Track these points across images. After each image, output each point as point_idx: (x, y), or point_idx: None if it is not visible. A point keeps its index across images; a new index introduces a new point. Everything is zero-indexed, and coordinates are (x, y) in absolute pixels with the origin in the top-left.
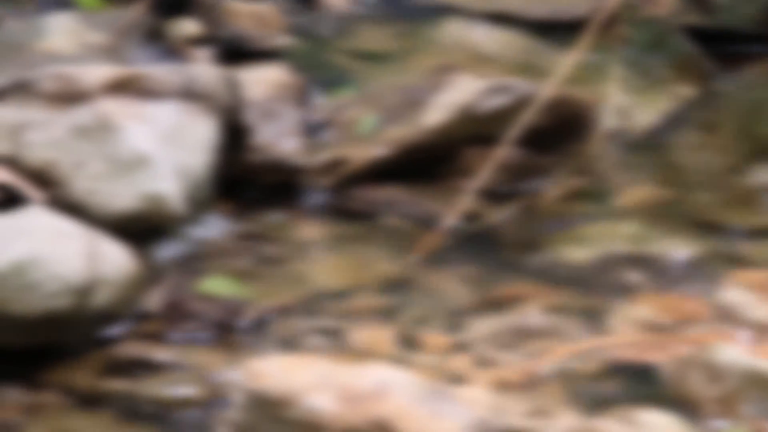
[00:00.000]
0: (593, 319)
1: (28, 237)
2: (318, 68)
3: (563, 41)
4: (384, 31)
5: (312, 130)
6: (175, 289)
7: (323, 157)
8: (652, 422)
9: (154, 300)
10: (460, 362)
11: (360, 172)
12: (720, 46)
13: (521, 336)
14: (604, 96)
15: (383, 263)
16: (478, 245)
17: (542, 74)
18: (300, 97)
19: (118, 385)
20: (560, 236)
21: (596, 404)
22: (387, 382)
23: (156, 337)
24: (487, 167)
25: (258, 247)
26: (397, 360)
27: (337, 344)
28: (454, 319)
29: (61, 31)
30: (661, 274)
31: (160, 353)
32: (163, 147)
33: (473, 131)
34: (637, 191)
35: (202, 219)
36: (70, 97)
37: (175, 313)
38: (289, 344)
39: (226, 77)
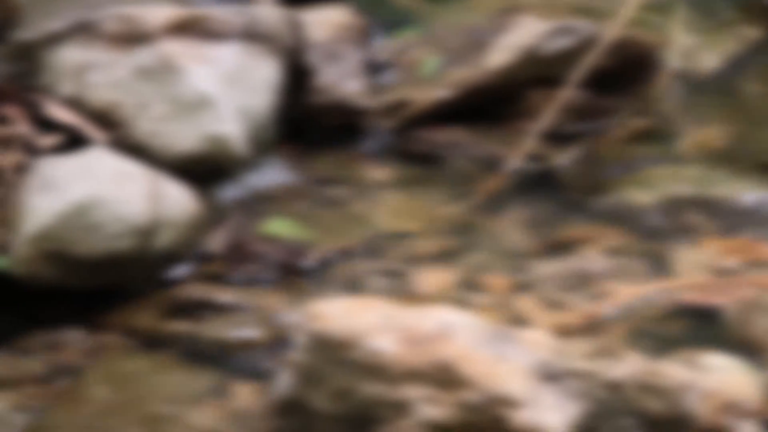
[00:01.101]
0: (657, 262)
1: (91, 178)
2: (381, 9)
3: None
4: None
5: (375, 72)
6: (238, 231)
7: (386, 98)
8: (716, 365)
9: (216, 242)
10: (523, 304)
11: (423, 114)
12: None
13: (584, 279)
14: (669, 37)
15: (446, 205)
16: (541, 188)
17: (607, 16)
18: (363, 38)
19: (180, 326)
20: (624, 179)
21: (660, 347)
22: (450, 325)
23: (218, 279)
24: (551, 109)
25: (320, 189)
26: (459, 302)
27: (399, 286)
28: (517, 261)
29: None
30: (726, 217)
31: (222, 295)
32: (225, 88)
33: (537, 73)
34: (701, 133)
35: (265, 161)
36: (132, 38)
37: (238, 255)
38: (352, 286)
39: (288, 18)
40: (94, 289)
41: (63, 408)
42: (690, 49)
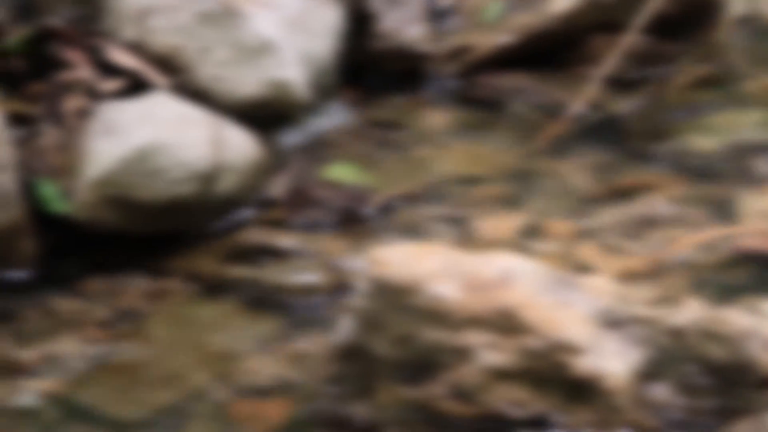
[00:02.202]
0: (720, 208)
1: (153, 123)
2: None
3: None
4: None
5: (437, 17)
6: (300, 176)
7: (448, 44)
8: None
9: (278, 187)
10: (585, 251)
11: (485, 60)
12: None
13: (647, 225)
14: None
15: (508, 151)
16: (603, 133)
17: None
18: None
19: (241, 272)
20: (687, 125)
21: (722, 294)
22: (512, 271)
23: (280, 224)
24: (613, 55)
25: (382, 134)
26: (521, 248)
27: (461, 232)
28: (579, 207)
29: None
30: None
31: (283, 240)
32: (288, 33)
33: (600, 18)
34: (765, 79)
35: (327, 106)
36: None
37: (300, 200)
38: (414, 232)
39: None
40: (156, 235)
41: (127, 350)
42: None
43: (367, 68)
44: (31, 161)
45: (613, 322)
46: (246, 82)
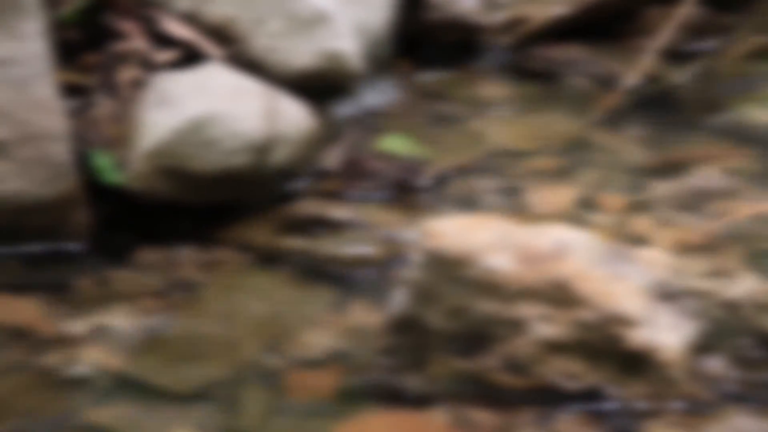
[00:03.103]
0: None
1: (207, 94)
2: None
3: None
4: None
5: None
6: (354, 148)
7: (503, 15)
8: None
9: (332, 158)
10: (639, 223)
11: (540, 31)
12: None
13: (701, 197)
14: None
15: (562, 123)
16: (658, 105)
17: None
18: None
19: (295, 243)
20: (742, 97)
21: None
22: (565, 243)
23: (333, 196)
24: (669, 26)
25: (436, 106)
26: (575, 220)
27: (515, 204)
28: (634, 179)
29: None
30: None
31: (338, 211)
32: (342, 4)
33: None
34: None
35: (381, 78)
36: None
37: (353, 172)
38: (467, 204)
39: None
40: (210, 205)
41: (180, 321)
42: None
43: (421, 40)
44: (86, 132)
45: (667, 295)
46: (300, 53)
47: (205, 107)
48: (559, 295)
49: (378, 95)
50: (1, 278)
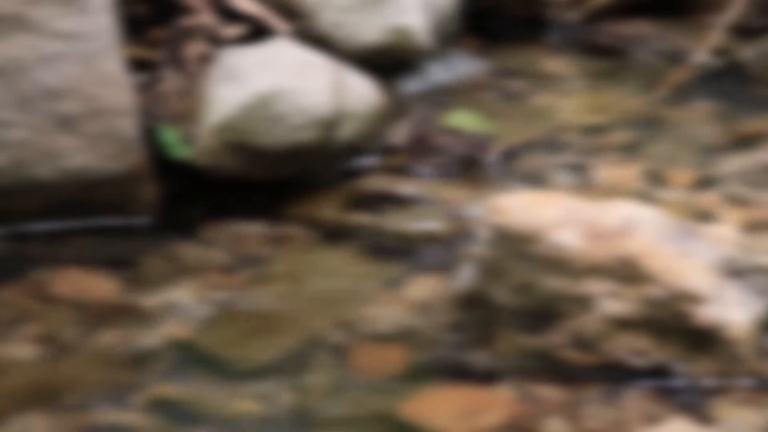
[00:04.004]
0: None
1: (274, 69)
2: None
3: None
4: None
5: None
6: (421, 124)
7: None
8: None
9: (399, 134)
10: (707, 199)
11: (608, 7)
12: None
13: None
14: None
15: (630, 99)
16: (727, 81)
17: None
18: None
19: (362, 218)
20: None
21: None
22: (633, 219)
23: (401, 171)
24: (738, 2)
25: (503, 81)
26: (643, 196)
27: (582, 180)
28: (702, 155)
29: None
30: None
31: (404, 187)
32: None
33: None
34: None
35: (448, 53)
36: None
37: (420, 148)
38: (535, 180)
39: None
40: (277, 181)
41: (247, 296)
42: None
43: (488, 15)
44: (153, 107)
45: (735, 272)
46: (367, 29)
47: (272, 83)
48: (627, 272)
49: (445, 71)
50: (70, 253)
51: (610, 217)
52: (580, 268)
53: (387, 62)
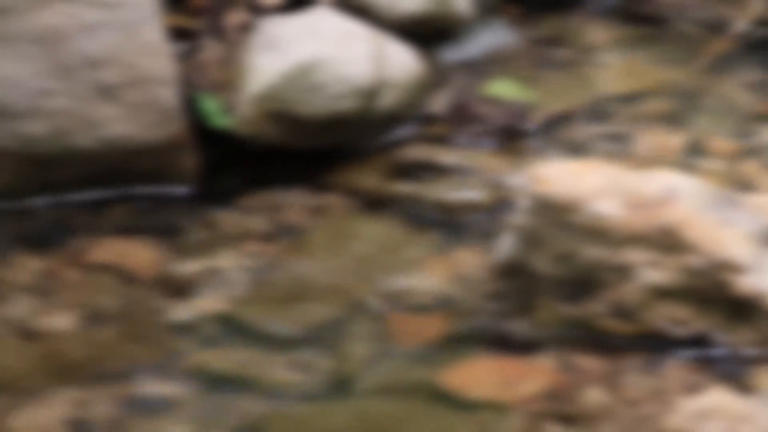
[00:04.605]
0: None
1: (315, 38)
2: None
3: None
4: None
5: None
6: (461, 93)
7: None
8: None
9: (439, 103)
10: (748, 168)
11: None
12: None
13: None
14: None
15: (671, 68)
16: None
17: None
18: None
19: (402, 188)
20: None
21: None
22: (674, 189)
23: (441, 141)
24: None
25: (544, 50)
26: (683, 166)
27: (623, 149)
28: (744, 125)
29: None
30: None
31: (445, 157)
32: None
33: None
34: None
35: (488, 22)
36: None
37: (461, 117)
38: (575, 149)
39: None
40: (317, 150)
41: (286, 265)
42: None
43: None
44: (193, 76)
45: None
46: None
47: (312, 51)
48: (667, 241)
49: (486, 40)
50: (110, 222)
51: (651, 186)
52: (620, 237)
53: (427, 31)
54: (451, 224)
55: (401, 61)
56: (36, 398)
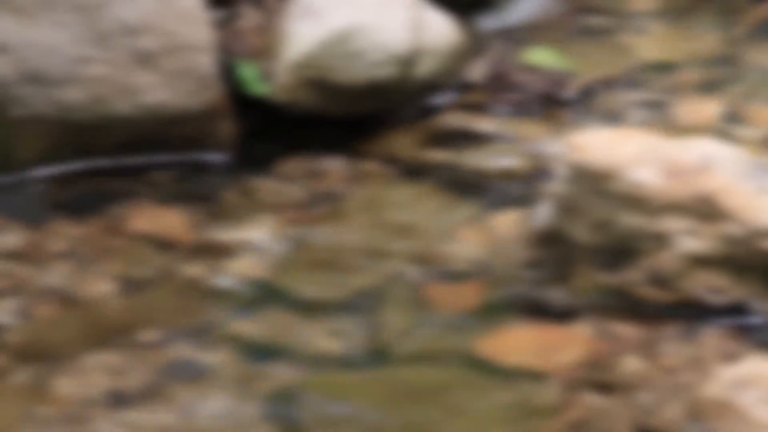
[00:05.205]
0: None
1: (352, 5)
2: None
3: None
4: None
5: None
6: (499, 60)
7: None
8: None
9: (477, 71)
10: None
11: None
12: None
13: None
14: None
15: (710, 36)
16: None
17: None
18: None
19: (440, 155)
20: None
21: None
22: (712, 157)
23: (478, 109)
24: None
25: (583, 18)
26: (722, 134)
27: (661, 118)
28: None
29: None
30: None
31: (482, 124)
32: None
33: None
34: None
35: None
36: None
37: (498, 85)
38: (613, 117)
39: None
40: (354, 117)
41: (324, 232)
42: None
43: None
44: (231, 43)
45: None
46: None
47: (350, 19)
48: (705, 209)
49: (524, 8)
50: (148, 189)
51: (689, 154)
52: (658, 205)
53: None
54: (488, 192)
55: (439, 29)
56: (75, 365)
